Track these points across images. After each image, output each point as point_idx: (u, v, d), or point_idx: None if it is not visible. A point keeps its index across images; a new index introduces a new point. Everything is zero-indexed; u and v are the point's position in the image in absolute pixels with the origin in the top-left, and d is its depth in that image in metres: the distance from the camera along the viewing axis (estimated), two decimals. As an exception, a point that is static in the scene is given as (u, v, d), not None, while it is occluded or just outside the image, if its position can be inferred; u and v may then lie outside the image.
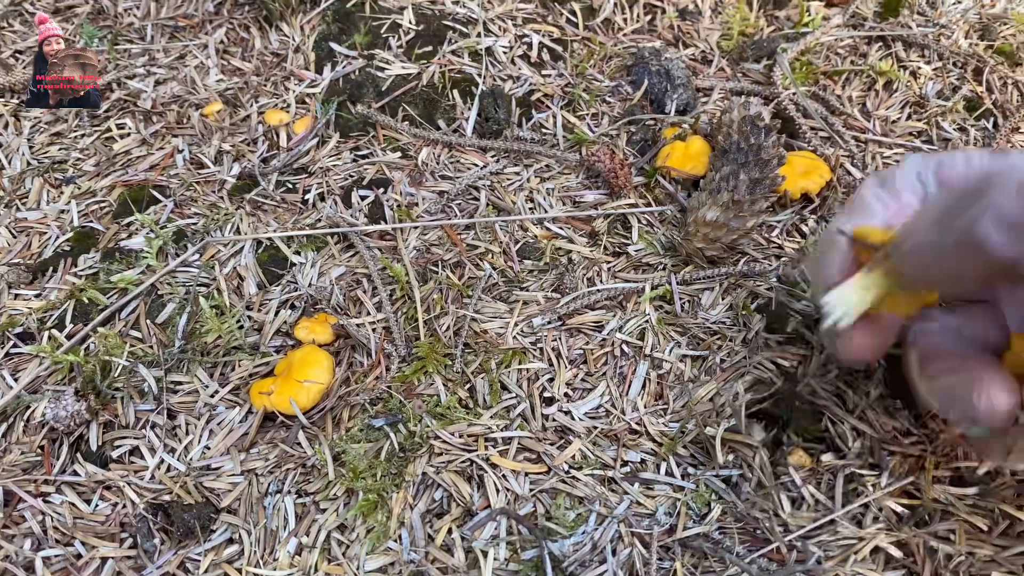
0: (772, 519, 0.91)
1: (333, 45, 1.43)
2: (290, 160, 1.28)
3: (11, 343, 1.07)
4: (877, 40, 1.53)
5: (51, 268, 1.15)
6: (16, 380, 1.04)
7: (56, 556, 0.91)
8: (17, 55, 1.48)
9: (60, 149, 1.32)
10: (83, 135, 1.33)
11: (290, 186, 1.25)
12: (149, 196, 1.23)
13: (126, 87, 1.40)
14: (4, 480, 0.96)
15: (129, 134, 1.33)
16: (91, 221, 1.20)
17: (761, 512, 0.92)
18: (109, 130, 1.34)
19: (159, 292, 1.11)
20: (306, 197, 1.24)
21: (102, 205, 1.23)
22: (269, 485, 0.95)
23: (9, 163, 1.29)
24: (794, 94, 1.39)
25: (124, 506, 0.95)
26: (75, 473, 0.98)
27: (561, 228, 1.21)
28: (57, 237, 1.18)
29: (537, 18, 1.51)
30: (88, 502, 0.96)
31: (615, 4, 1.55)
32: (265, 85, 1.39)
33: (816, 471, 0.96)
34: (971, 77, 1.46)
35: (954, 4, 1.60)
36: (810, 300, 1.11)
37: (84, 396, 0.99)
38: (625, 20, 1.55)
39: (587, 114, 1.38)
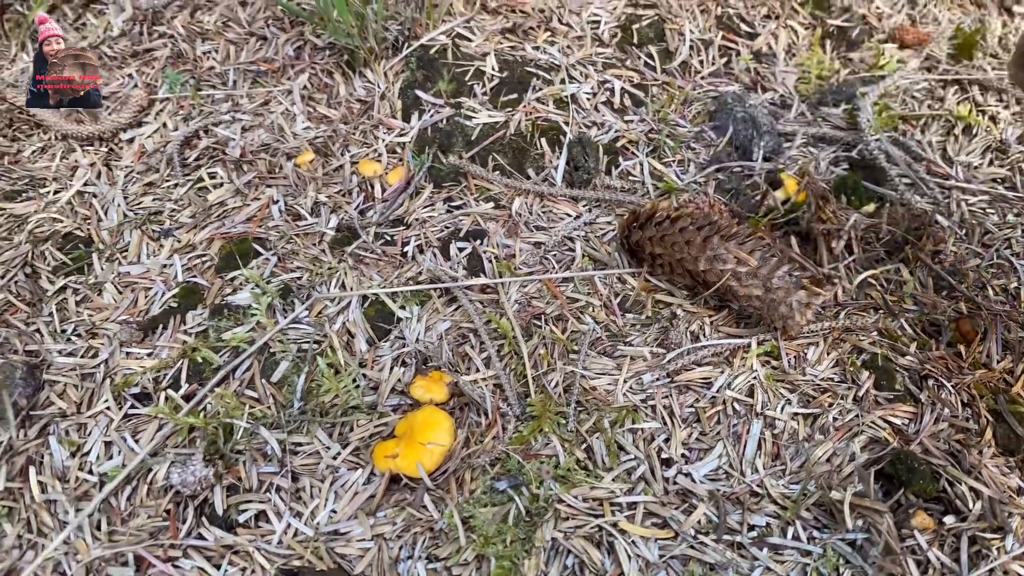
0: (903, 585, 0.92)
1: (419, 93, 1.44)
2: (387, 212, 1.29)
3: (128, 404, 1.08)
4: (953, 83, 1.54)
5: (160, 325, 1.15)
6: (137, 442, 1.05)
7: (196, 625, 0.92)
8: (102, 101, 1.49)
9: (154, 200, 1.32)
10: (176, 185, 1.34)
11: (388, 238, 1.26)
12: (250, 249, 1.23)
13: (213, 134, 1.41)
14: (133, 546, 0.97)
15: (222, 184, 1.34)
16: (195, 276, 1.21)
17: (890, 577, 0.93)
18: (201, 179, 1.35)
19: (271, 350, 1.12)
20: (405, 249, 1.25)
21: (203, 259, 1.24)
22: (400, 551, 0.96)
23: (105, 214, 1.30)
24: (878, 140, 1.40)
25: (253, 571, 0.96)
26: (201, 537, 0.99)
27: (659, 280, 1.22)
28: (163, 293, 1.19)
29: (616, 63, 1.52)
30: (217, 567, 0.96)
31: (690, 47, 1.56)
32: (354, 133, 1.40)
33: (939, 533, 0.97)
34: (1050, 122, 1.48)
35: (1026, 46, 1.61)
36: None
37: (211, 461, 1.00)
38: (701, 63, 1.56)
39: (673, 161, 1.39)
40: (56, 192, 1.35)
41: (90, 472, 1.04)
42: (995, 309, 1.19)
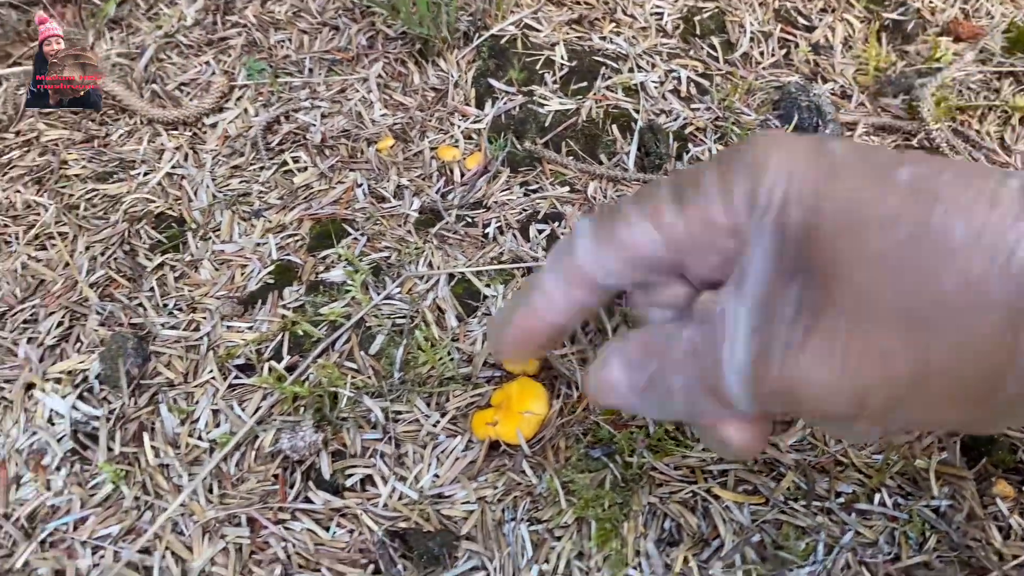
0: (987, 547, 0.96)
1: (492, 81, 1.48)
2: (467, 195, 1.33)
3: (233, 375, 1.13)
4: (1008, 75, 1.58)
5: (259, 300, 1.20)
6: (243, 410, 1.09)
7: (311, 580, 0.96)
8: (182, 87, 1.54)
9: (241, 182, 1.37)
10: (262, 168, 1.39)
11: (470, 220, 1.31)
12: (339, 229, 1.28)
13: (295, 120, 1.46)
14: (245, 508, 1.02)
15: (306, 168, 1.38)
16: (288, 254, 1.26)
17: (974, 541, 0.97)
18: (286, 163, 1.39)
19: (367, 324, 1.17)
20: (486, 231, 1.29)
21: (295, 238, 1.28)
22: (503, 513, 1.00)
23: (195, 195, 1.35)
24: (939, 129, 1.44)
25: (361, 533, 1.00)
26: (309, 500, 1.03)
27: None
28: (259, 270, 1.23)
29: (681, 53, 1.56)
30: (327, 529, 1.01)
31: (751, 39, 1.61)
32: (430, 120, 1.44)
33: (1020, 501, 1.01)
34: (1106, 112, 1.52)
35: (1079, 38, 1.65)
36: None
37: (320, 427, 1.04)
38: (761, 54, 1.60)
39: (739, 148, 1.43)
40: (146, 174, 1.39)
41: (200, 439, 1.08)
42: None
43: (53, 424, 1.11)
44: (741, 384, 0.48)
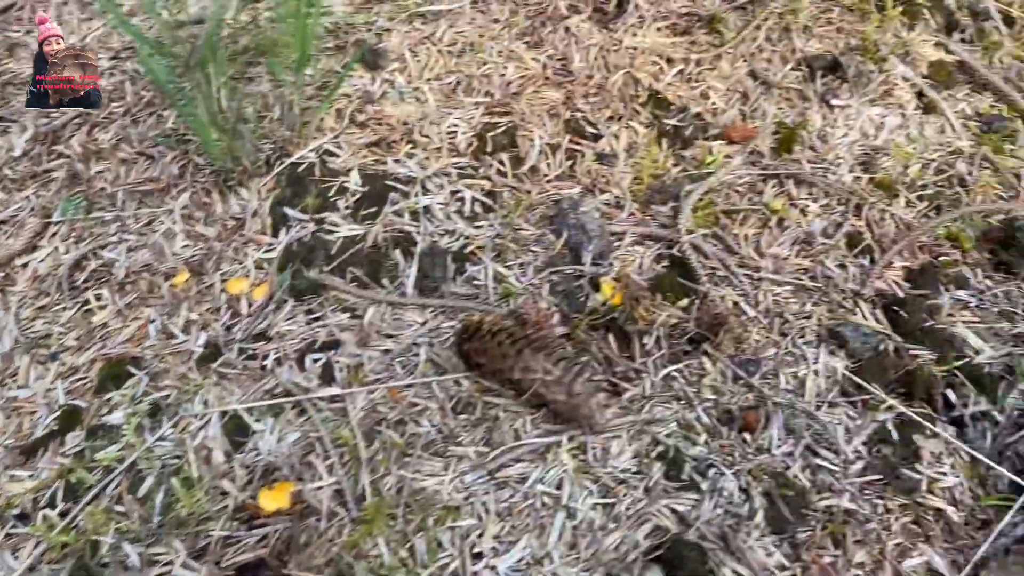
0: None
1: (287, 209, 1.60)
2: (251, 327, 1.45)
3: (10, 524, 1.23)
4: (772, 177, 1.73)
5: (42, 448, 1.31)
6: (16, 559, 1.20)
7: None
8: (1, 226, 1.64)
9: (44, 323, 1.48)
10: (64, 308, 1.49)
11: (251, 352, 1.42)
12: (126, 371, 1.39)
13: (101, 257, 1.57)
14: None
15: (106, 306, 1.49)
16: (75, 399, 1.37)
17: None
18: (88, 302, 1.50)
19: (139, 468, 1.28)
20: (265, 363, 1.41)
21: (84, 381, 1.39)
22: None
23: (0, 341, 1.46)
24: (692, 237, 1.58)
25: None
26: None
27: (490, 383, 1.39)
28: (46, 416, 1.34)
29: (471, 172, 1.69)
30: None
31: (539, 152, 1.74)
32: (227, 250, 1.56)
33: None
34: (853, 213, 1.66)
35: (841, 138, 1.80)
36: None
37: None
38: (548, 166, 1.73)
39: (515, 263, 1.56)
40: (-46, 319, 1.50)
41: (-26, 588, 1.19)
42: (777, 399, 1.37)
43: None
44: None
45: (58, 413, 1.35)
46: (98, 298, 1.51)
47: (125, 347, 1.43)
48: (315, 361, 1.42)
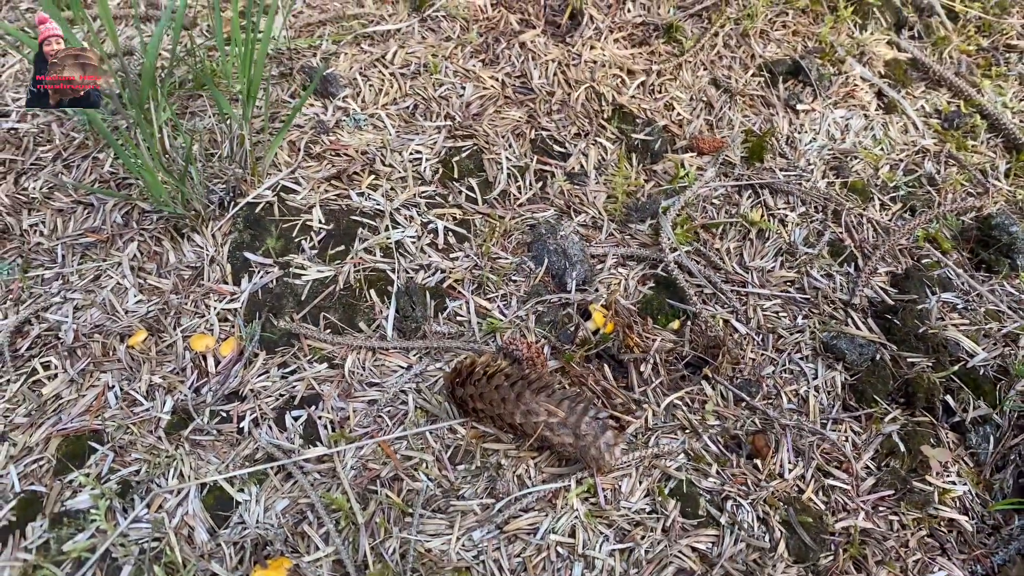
0: None
1: (248, 254, 1.49)
2: (221, 387, 1.34)
3: (-30, 634, 1.10)
4: (747, 188, 1.70)
5: (0, 544, 1.17)
6: (-19, 675, 1.07)
7: None
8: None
9: (-13, 400, 1.33)
10: (9, 381, 1.35)
11: (224, 415, 1.31)
12: (87, 446, 1.26)
13: (44, 320, 1.43)
14: None
15: (56, 375, 1.36)
16: (32, 483, 1.23)
17: None
18: (35, 371, 1.36)
19: (113, 556, 1.16)
20: (241, 425, 1.30)
21: (41, 462, 1.26)
22: None
23: (-63, 423, 1.31)
24: (677, 255, 1.53)
25: None
26: None
27: (487, 427, 1.31)
28: (0, 508, 1.21)
29: (438, 199, 1.61)
30: None
31: (508, 175, 1.67)
32: (186, 303, 1.44)
33: (738, 656, 1.09)
34: (832, 219, 1.64)
35: (810, 143, 1.79)
36: None
37: None
38: (519, 189, 1.67)
39: (497, 296, 1.49)
40: None
41: None
42: (783, 421, 1.33)
43: None
44: None
45: (14, 502, 1.22)
46: (46, 367, 1.37)
47: (83, 420, 1.30)
48: (296, 419, 1.32)
